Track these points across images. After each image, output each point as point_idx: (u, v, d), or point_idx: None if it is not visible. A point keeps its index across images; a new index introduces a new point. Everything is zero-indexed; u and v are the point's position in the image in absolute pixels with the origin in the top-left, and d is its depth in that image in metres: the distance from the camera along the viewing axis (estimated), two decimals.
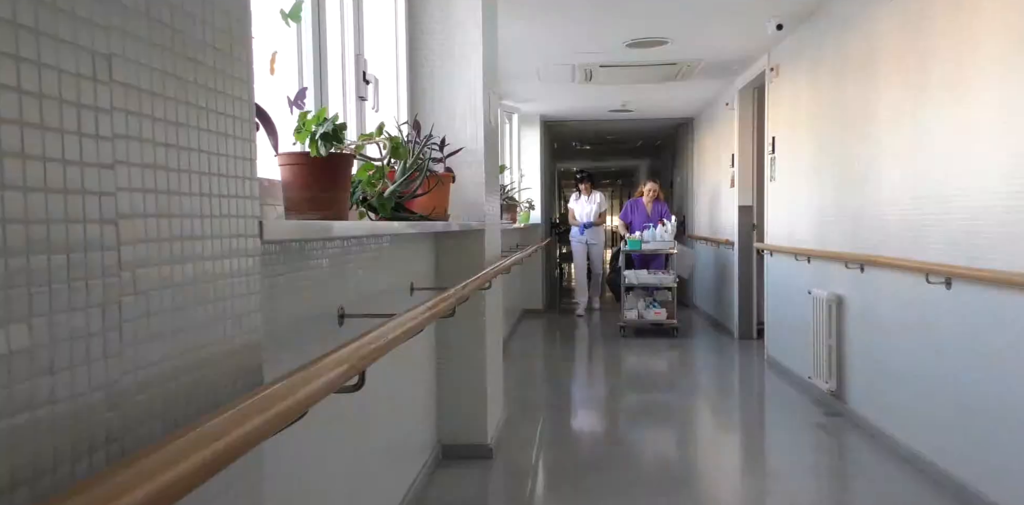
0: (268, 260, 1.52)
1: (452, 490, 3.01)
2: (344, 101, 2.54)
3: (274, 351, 1.52)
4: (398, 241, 2.61)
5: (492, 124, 3.62)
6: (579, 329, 8.05)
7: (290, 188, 1.70)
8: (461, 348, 3.36)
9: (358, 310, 2.07)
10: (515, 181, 7.83)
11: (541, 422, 4.09)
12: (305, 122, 1.71)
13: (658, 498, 2.93)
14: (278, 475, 1.53)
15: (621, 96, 7.44)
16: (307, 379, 1.05)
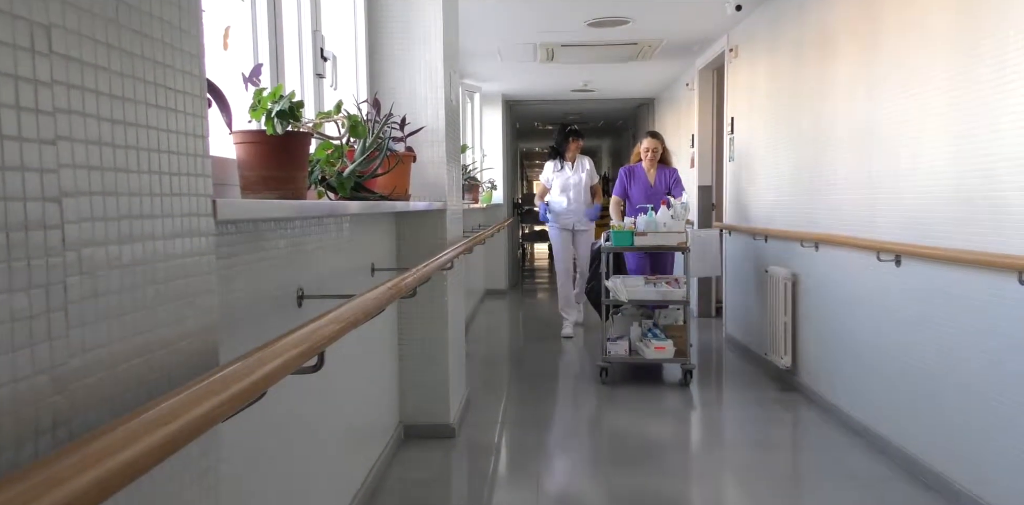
0: (224, 240, 1.49)
1: (414, 470, 3.02)
2: (301, 78, 2.49)
3: (231, 333, 1.50)
4: (358, 221, 2.58)
5: (453, 103, 3.59)
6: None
7: (246, 167, 1.67)
8: (423, 328, 3.36)
9: (317, 291, 2.05)
10: (477, 161, 7.79)
11: (504, 401, 4.11)
12: (261, 99, 1.67)
13: (620, 471, 2.97)
14: (237, 457, 1.52)
15: (583, 76, 7.42)
16: (264, 360, 1.04)
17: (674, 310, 4.69)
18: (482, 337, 6.13)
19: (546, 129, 12.63)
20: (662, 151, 5.37)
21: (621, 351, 4.44)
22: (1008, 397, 2.33)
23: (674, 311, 4.69)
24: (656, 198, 4.98)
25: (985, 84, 2.44)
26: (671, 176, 5.35)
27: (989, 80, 2.41)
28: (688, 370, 4.35)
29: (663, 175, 5.36)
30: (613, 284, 4.44)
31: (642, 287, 4.40)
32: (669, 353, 4.33)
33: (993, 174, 2.39)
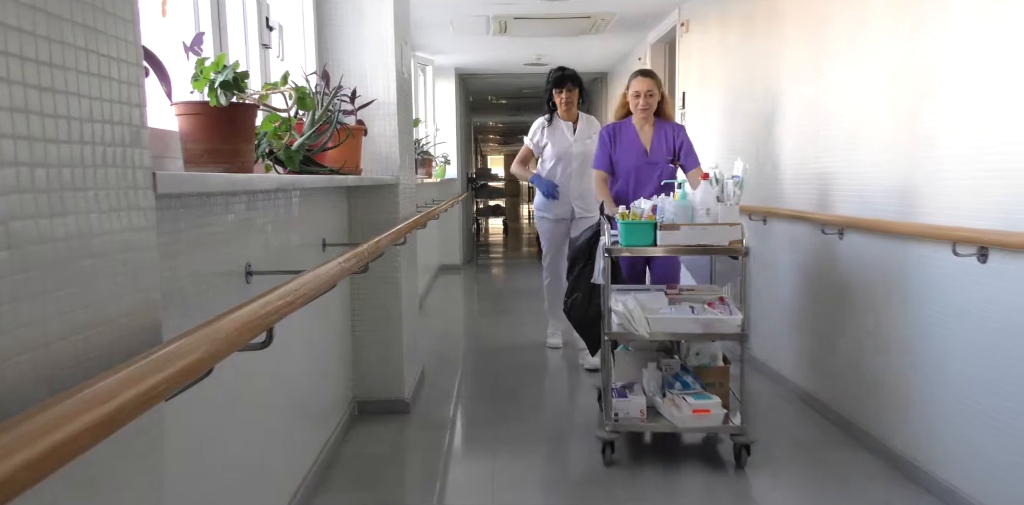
0: (167, 215, 1.45)
1: (368, 445, 3.02)
2: (246, 49, 2.41)
3: (177, 310, 1.46)
4: (308, 196, 2.53)
5: (405, 76, 3.53)
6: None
7: (189, 139, 1.62)
8: (376, 304, 3.33)
9: (266, 267, 2.01)
10: (430, 135, 7.71)
11: (459, 376, 4.12)
12: (203, 69, 1.62)
13: (574, 444, 3.01)
14: (183, 435, 1.49)
15: (536, 49, 7.36)
16: (209, 337, 1.02)
17: (709, 342, 2.99)
18: (437, 312, 6.12)
19: (500, 103, 12.56)
20: (660, 98, 3.63)
21: (634, 412, 2.78)
22: None
23: (709, 344, 3.00)
24: (654, 171, 3.60)
25: (921, 60, 2.49)
26: (677, 136, 3.59)
27: (925, 56, 2.46)
28: (744, 445, 2.68)
29: (664, 134, 3.61)
30: (624, 307, 2.72)
31: (671, 314, 2.73)
32: (715, 418, 2.72)
33: (932, 144, 2.45)
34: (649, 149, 3.66)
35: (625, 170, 3.68)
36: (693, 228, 2.72)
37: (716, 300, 2.88)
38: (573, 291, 3.37)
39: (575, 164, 4.27)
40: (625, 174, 3.68)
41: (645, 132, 3.68)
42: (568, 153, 4.27)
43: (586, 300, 3.30)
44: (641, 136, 3.67)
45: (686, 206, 2.82)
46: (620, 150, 3.67)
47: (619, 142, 3.67)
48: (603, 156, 3.72)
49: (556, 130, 4.29)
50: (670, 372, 2.92)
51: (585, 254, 3.32)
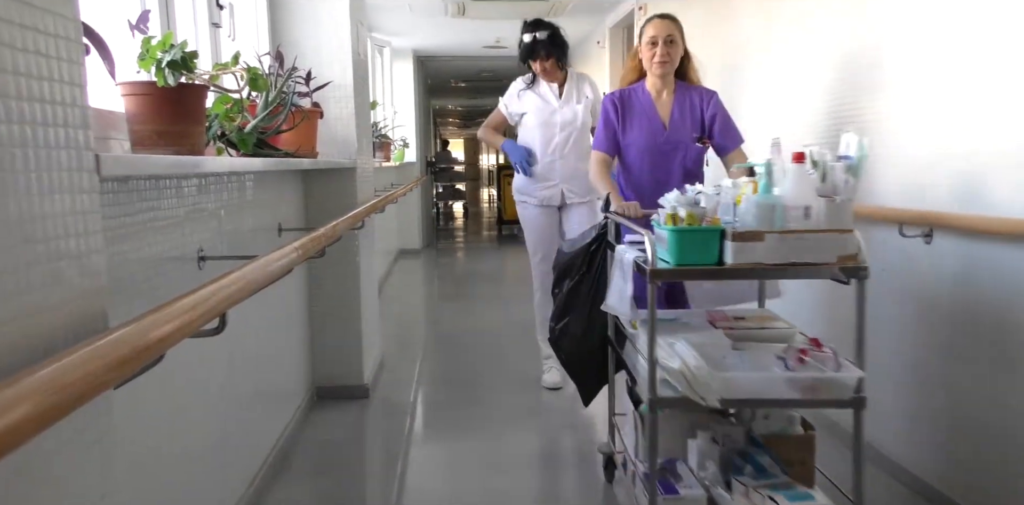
0: (114, 199, 1.41)
1: (327, 431, 3.00)
2: (195, 27, 2.35)
3: (125, 296, 1.43)
4: (263, 179, 2.49)
5: (361, 57, 3.47)
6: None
7: (136, 120, 1.57)
8: (335, 289, 3.30)
9: (220, 252, 1.97)
10: (388, 118, 7.62)
11: (420, 361, 4.12)
12: (149, 48, 1.57)
13: (532, 427, 3.03)
14: (135, 423, 1.46)
15: (495, 32, 7.31)
16: (158, 323, 0.99)
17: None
18: (397, 297, 6.09)
19: (459, 86, 12.46)
20: (684, 49, 2.72)
21: None
22: None
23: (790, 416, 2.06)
24: (675, 155, 2.69)
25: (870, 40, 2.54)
26: (706, 105, 2.71)
27: (873, 36, 2.51)
28: None
29: (689, 103, 2.71)
30: (682, 363, 1.79)
31: (752, 370, 1.82)
32: None
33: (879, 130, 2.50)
34: (668, 123, 2.67)
35: (636, 152, 2.71)
36: (785, 238, 1.72)
37: (808, 345, 1.87)
38: (562, 314, 2.43)
39: (562, 136, 3.40)
40: (636, 158, 2.71)
41: (663, 101, 2.71)
42: (551, 122, 3.41)
43: (581, 328, 2.39)
44: (658, 106, 2.70)
45: (771, 203, 1.74)
46: (630, 125, 2.71)
47: (629, 115, 2.71)
48: (606, 134, 2.76)
49: (538, 93, 3.48)
50: (732, 445, 1.97)
51: (581, 265, 2.38)
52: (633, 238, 2.06)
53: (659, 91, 2.73)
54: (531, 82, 3.51)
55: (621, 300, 2.00)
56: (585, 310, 2.39)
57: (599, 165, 2.74)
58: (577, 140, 3.41)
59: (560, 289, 2.48)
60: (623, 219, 2.25)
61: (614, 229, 2.36)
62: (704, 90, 2.76)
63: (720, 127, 2.70)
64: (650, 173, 2.72)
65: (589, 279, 2.39)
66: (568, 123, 3.41)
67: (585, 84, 3.52)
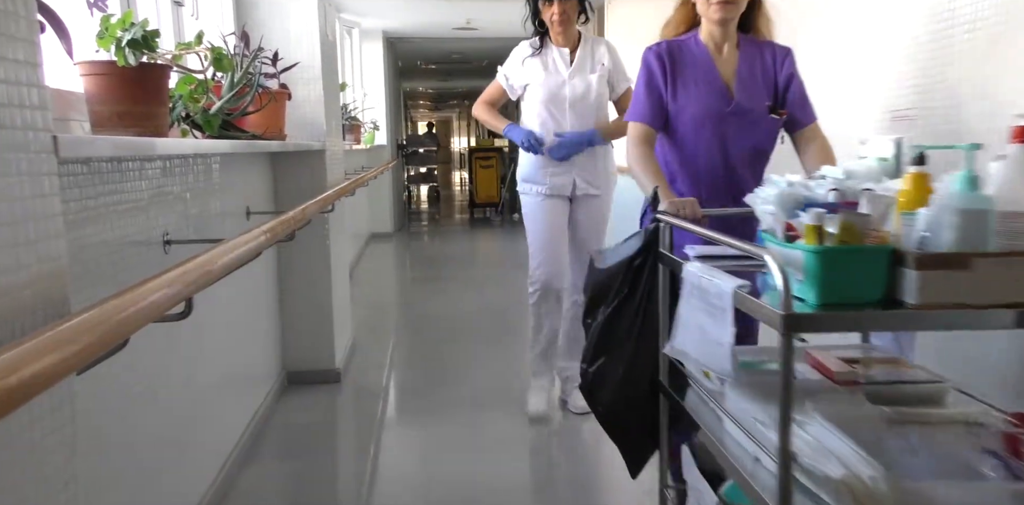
0: (74, 181, 1.38)
1: (298, 415, 2.99)
2: (157, 5, 2.29)
3: (88, 281, 1.40)
4: (230, 162, 2.45)
5: (330, 38, 3.42)
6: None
7: (96, 101, 1.53)
8: (305, 273, 3.27)
9: (186, 235, 1.94)
10: (358, 100, 7.53)
11: (392, 345, 4.11)
12: (108, 27, 1.53)
13: (503, 408, 3.05)
14: (100, 408, 1.44)
15: (465, 13, 7.24)
16: (122, 307, 0.98)
17: None
18: (368, 280, 6.06)
19: (430, 68, 12.35)
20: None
21: None
22: None
23: None
24: (745, 128, 2.00)
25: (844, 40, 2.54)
26: (780, 65, 2.05)
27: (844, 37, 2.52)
28: None
29: (761, 61, 2.05)
30: (823, 440, 1.17)
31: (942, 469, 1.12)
32: None
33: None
34: (734, 86, 1.99)
35: (692, 124, 1.99)
36: (1009, 264, 1.10)
37: (1012, 424, 1.23)
38: (597, 352, 1.81)
39: (574, 113, 2.82)
40: (691, 131, 2.00)
41: (725, 58, 2.01)
42: (560, 96, 2.81)
43: (623, 370, 1.78)
44: (719, 63, 2.01)
45: (982, 210, 1.13)
46: (683, 87, 2.01)
47: (680, 73, 2.01)
48: (649, 99, 2.02)
49: (545, 61, 2.84)
50: None
51: (621, 286, 1.77)
52: (704, 251, 1.54)
53: (718, 44, 2.01)
54: (538, 47, 2.86)
55: (714, 349, 1.30)
56: (628, 347, 1.76)
57: (642, 144, 1.99)
58: (591, 116, 2.83)
59: (593, 319, 1.82)
60: (689, 224, 1.59)
61: (667, 237, 1.69)
62: (776, 46, 2.05)
63: (796, 95, 2.00)
64: (708, 153, 1.99)
65: (632, 305, 1.75)
66: (580, 97, 2.81)
67: (601, 49, 2.86)
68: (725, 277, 1.30)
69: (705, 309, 1.35)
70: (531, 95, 2.89)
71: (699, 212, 1.76)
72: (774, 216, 1.29)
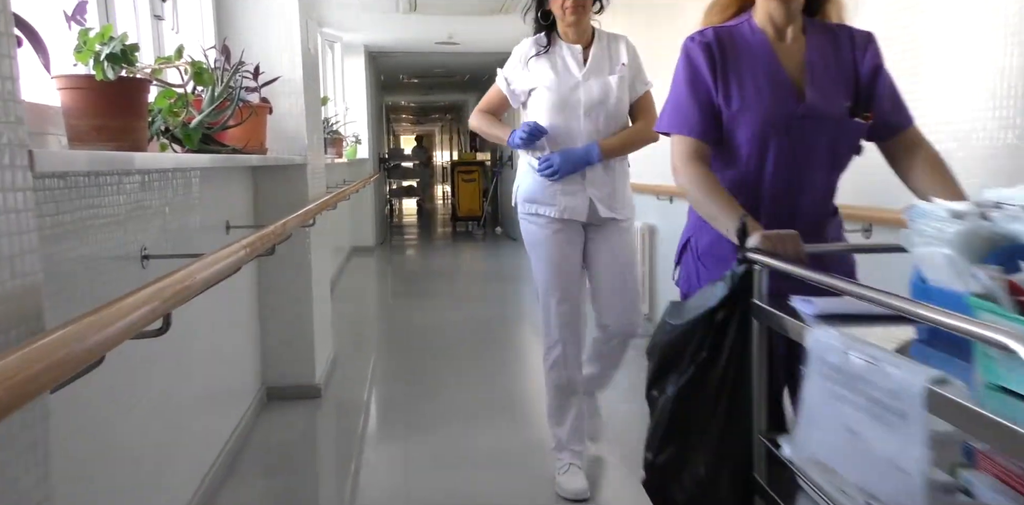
0: (50, 196, 1.36)
1: (278, 432, 2.96)
2: (136, 19, 2.28)
3: (64, 297, 1.39)
4: (210, 176, 2.43)
5: (312, 52, 3.42)
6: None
7: (73, 115, 1.52)
8: (285, 287, 3.25)
9: (164, 250, 1.93)
10: (340, 114, 7.53)
11: (373, 359, 4.08)
12: (87, 41, 1.52)
13: (486, 423, 3.03)
14: (75, 427, 1.42)
15: (447, 28, 7.27)
16: (98, 324, 0.96)
17: None
18: (350, 295, 6.03)
19: (412, 82, 12.37)
20: None
21: None
22: None
23: None
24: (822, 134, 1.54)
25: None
26: (862, 52, 1.57)
27: None
28: None
29: (834, 48, 1.57)
30: None
31: None
32: None
33: None
34: (804, 82, 1.55)
35: (751, 131, 1.55)
36: None
37: None
38: (668, 437, 1.39)
39: (589, 120, 2.34)
40: (751, 142, 1.55)
41: (789, 46, 1.57)
42: (572, 101, 2.33)
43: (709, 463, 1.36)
44: (782, 54, 1.57)
45: None
46: (739, 88, 1.56)
47: (734, 67, 1.57)
48: (697, 103, 1.57)
49: (553, 61, 2.37)
50: None
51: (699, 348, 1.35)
52: (829, 308, 1.17)
53: (780, 28, 1.54)
54: (545, 45, 2.39)
55: (885, 473, 0.89)
56: (711, 432, 1.33)
57: (697, 163, 1.54)
58: (610, 126, 2.35)
59: (660, 391, 1.39)
60: (797, 267, 1.18)
61: (762, 283, 1.29)
62: (854, 31, 1.59)
63: (885, 92, 1.56)
64: (773, 170, 1.53)
65: (714, 374, 1.32)
66: (597, 102, 2.33)
67: (620, 46, 2.41)
68: (904, 363, 0.86)
69: (862, 405, 0.92)
70: (537, 101, 2.37)
71: (802, 250, 1.31)
72: (952, 264, 0.89)
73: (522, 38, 2.49)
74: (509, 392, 3.51)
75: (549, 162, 2.34)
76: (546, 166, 2.35)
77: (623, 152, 2.41)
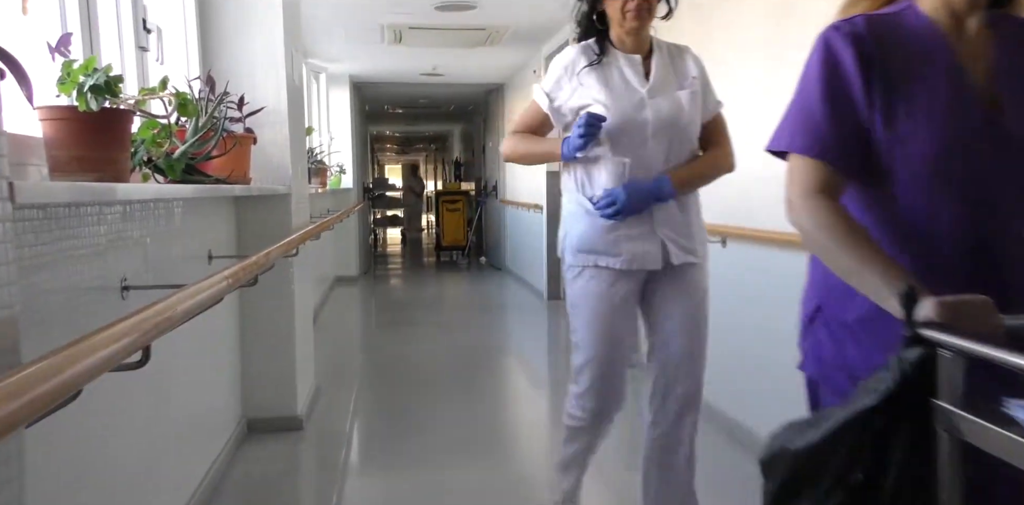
0: (29, 227, 1.35)
1: (259, 465, 2.90)
2: (121, 51, 2.29)
3: (41, 329, 1.36)
4: (192, 206, 2.42)
5: (296, 83, 3.44)
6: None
7: (54, 146, 1.51)
8: (268, 318, 3.22)
9: (145, 281, 1.91)
10: (324, 144, 7.55)
11: (356, 390, 4.04)
12: (71, 72, 1.52)
13: (471, 456, 2.99)
14: (49, 462, 1.39)
15: (432, 60, 7.35)
16: (76, 357, 0.95)
17: None
18: (333, 325, 5.98)
19: (396, 112, 12.46)
20: None
21: None
22: None
23: None
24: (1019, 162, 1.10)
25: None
26: None
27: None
28: None
29: None
30: None
31: None
32: None
33: None
34: (996, 92, 1.13)
35: (926, 164, 1.11)
36: None
37: None
38: None
39: (659, 144, 1.95)
40: (923, 178, 1.12)
41: (973, 41, 1.15)
42: (637, 122, 1.93)
43: None
44: (962, 51, 1.15)
45: None
46: (907, 101, 1.12)
47: (897, 75, 1.13)
48: (833, 117, 1.14)
49: (608, 74, 1.97)
50: None
51: (851, 462, 0.92)
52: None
53: (959, 16, 1.16)
54: (598, 55, 1.96)
55: None
56: None
57: (825, 198, 1.14)
58: (682, 152, 1.97)
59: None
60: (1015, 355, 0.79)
61: (956, 376, 0.90)
62: None
63: None
64: (954, 214, 1.13)
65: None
66: (668, 123, 1.93)
67: (686, 58, 2.04)
68: None
69: None
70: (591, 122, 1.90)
71: (1001, 323, 0.95)
72: None
73: (505, 71, 2.24)
74: (493, 425, 3.48)
75: (612, 198, 1.89)
76: (607, 203, 1.89)
77: (696, 186, 2.02)
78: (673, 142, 1.96)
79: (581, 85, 1.97)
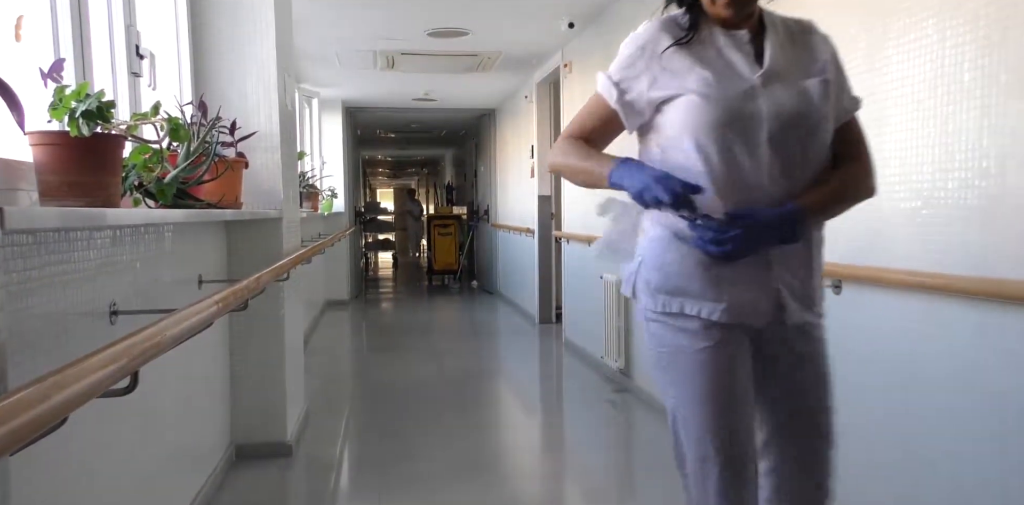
0: (19, 252, 1.35)
1: (247, 492, 2.86)
2: (113, 77, 2.30)
3: (28, 355, 1.35)
4: (183, 230, 2.42)
5: (288, 108, 3.46)
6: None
7: (45, 171, 1.51)
8: (258, 343, 3.20)
9: (134, 306, 1.90)
10: (316, 168, 7.57)
11: (346, 416, 4.00)
12: (63, 97, 1.52)
13: (463, 482, 2.96)
14: (33, 489, 1.37)
15: (424, 85, 7.41)
16: (63, 383, 0.94)
17: None
18: (323, 349, 5.94)
19: (389, 137, 12.53)
20: None
21: None
22: None
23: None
24: None
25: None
26: None
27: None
28: None
29: None
30: None
31: None
32: None
33: None
34: None
35: None
36: None
37: None
38: None
39: (775, 152, 1.39)
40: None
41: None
42: (746, 116, 1.38)
43: None
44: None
45: None
46: None
47: None
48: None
49: (704, 55, 1.42)
50: None
51: None
52: None
53: None
54: (689, 31, 1.43)
55: None
56: None
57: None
58: (813, 163, 1.43)
59: None
60: None
61: None
62: None
63: None
64: None
65: None
66: (791, 121, 1.40)
67: (813, 37, 1.48)
68: None
69: None
70: (680, 119, 1.42)
71: None
72: None
73: (497, 97, 1.87)
74: (484, 450, 3.45)
75: (730, 236, 1.34)
76: (721, 238, 1.34)
77: (834, 215, 1.47)
78: (796, 149, 1.39)
79: (664, 70, 1.42)
